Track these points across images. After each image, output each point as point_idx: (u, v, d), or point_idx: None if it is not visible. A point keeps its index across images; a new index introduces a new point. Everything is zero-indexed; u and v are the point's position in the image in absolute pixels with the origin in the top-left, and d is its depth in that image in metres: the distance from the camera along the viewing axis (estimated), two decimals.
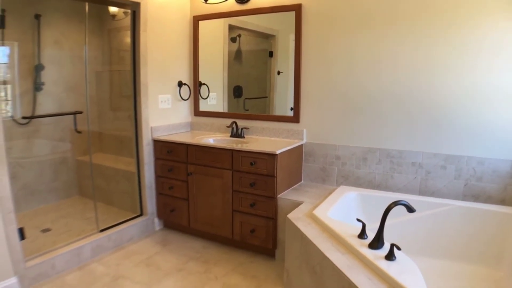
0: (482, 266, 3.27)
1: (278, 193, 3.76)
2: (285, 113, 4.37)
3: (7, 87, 4.60)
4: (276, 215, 3.77)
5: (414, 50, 3.63)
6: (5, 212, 3.11)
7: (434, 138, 3.68)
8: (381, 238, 2.60)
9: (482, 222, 3.34)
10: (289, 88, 4.31)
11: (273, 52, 4.45)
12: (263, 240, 3.86)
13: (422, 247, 3.42)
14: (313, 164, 4.24)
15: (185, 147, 4.16)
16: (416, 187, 3.82)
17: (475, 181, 3.57)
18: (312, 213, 3.22)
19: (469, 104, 3.50)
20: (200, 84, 4.87)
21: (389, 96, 3.79)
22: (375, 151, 3.93)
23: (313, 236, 2.86)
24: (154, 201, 4.59)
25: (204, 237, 4.43)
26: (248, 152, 3.76)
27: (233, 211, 3.97)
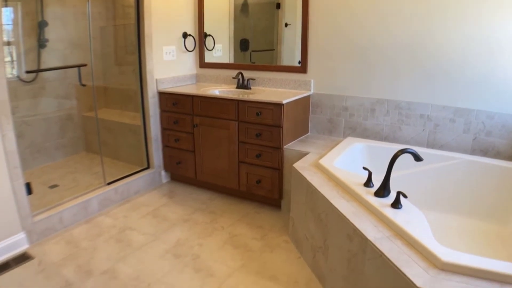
0: (489, 222, 3.22)
1: (284, 144, 3.72)
2: (294, 63, 4.27)
3: (12, 47, 4.54)
4: (282, 166, 3.74)
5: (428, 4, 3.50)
6: (12, 167, 3.10)
7: (444, 90, 3.58)
8: (387, 186, 2.57)
9: (490, 177, 3.27)
10: (296, 41, 4.20)
11: (280, 4, 4.32)
12: (269, 191, 3.85)
13: (428, 200, 3.39)
14: (320, 116, 4.18)
15: (191, 98, 4.10)
16: (424, 139, 3.76)
17: (484, 135, 3.50)
18: (318, 163, 3.18)
19: (481, 56, 3.37)
20: (205, 35, 4.77)
21: (399, 46, 3.68)
22: (383, 102, 3.85)
23: (318, 185, 2.82)
24: (160, 154, 4.57)
25: (210, 189, 4.44)
26: (254, 102, 3.70)
27: (239, 162, 3.95)
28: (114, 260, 3.14)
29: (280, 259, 3.14)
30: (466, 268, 1.78)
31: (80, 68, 4.52)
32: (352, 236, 2.30)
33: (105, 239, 3.44)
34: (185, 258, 3.15)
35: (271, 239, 3.43)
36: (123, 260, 3.13)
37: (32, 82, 4.80)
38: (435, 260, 1.87)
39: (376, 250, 2.05)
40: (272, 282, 2.85)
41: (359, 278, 2.26)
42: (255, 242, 3.39)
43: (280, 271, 2.98)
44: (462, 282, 1.74)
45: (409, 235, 2.08)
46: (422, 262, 1.90)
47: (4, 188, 3.09)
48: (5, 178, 3.09)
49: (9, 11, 4.46)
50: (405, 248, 2.03)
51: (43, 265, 3.07)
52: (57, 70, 4.99)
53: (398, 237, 2.14)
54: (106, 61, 5.41)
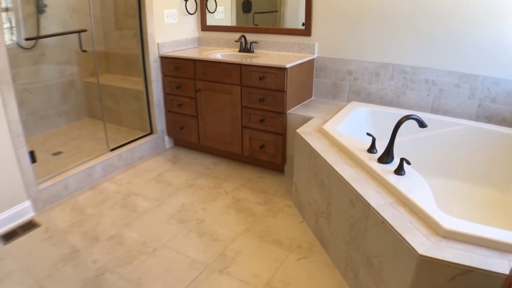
0: (491, 189, 3.25)
1: (288, 109, 3.70)
2: (297, 26, 4.20)
3: (11, 13, 4.46)
4: (285, 131, 3.73)
5: None
6: (15, 136, 3.09)
7: (449, 55, 3.52)
8: (391, 152, 2.56)
9: (494, 144, 3.27)
10: (300, 2, 4.11)
11: None
12: (272, 156, 3.85)
13: (431, 166, 3.39)
14: (324, 80, 4.14)
15: (193, 63, 4.06)
16: (429, 105, 3.73)
17: (489, 102, 3.46)
18: (322, 128, 3.17)
19: (488, 21, 3.29)
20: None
21: (405, 9, 3.60)
22: (388, 66, 3.81)
23: (321, 150, 2.82)
24: (163, 119, 4.56)
25: (214, 154, 4.46)
26: (257, 66, 3.66)
27: (242, 127, 3.94)
28: (119, 225, 3.17)
29: (283, 223, 3.17)
30: (468, 236, 1.79)
31: (81, 33, 4.48)
32: (354, 202, 2.31)
33: (110, 205, 3.47)
34: (189, 223, 3.18)
35: (274, 204, 3.46)
36: (129, 226, 3.17)
37: (32, 49, 4.74)
38: (437, 227, 1.87)
39: (379, 217, 2.05)
40: (275, 246, 2.89)
41: (361, 244, 2.28)
42: (259, 206, 3.42)
43: (283, 235, 3.01)
44: (464, 250, 1.74)
45: (411, 202, 2.08)
46: (424, 229, 1.90)
47: (8, 157, 3.10)
48: (9, 147, 3.09)
49: None
50: (407, 215, 2.04)
51: (50, 232, 3.11)
52: (57, 36, 4.93)
53: (400, 203, 2.14)
54: (106, 25, 5.34)
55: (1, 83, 2.94)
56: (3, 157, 3.07)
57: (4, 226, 3.14)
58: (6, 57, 2.94)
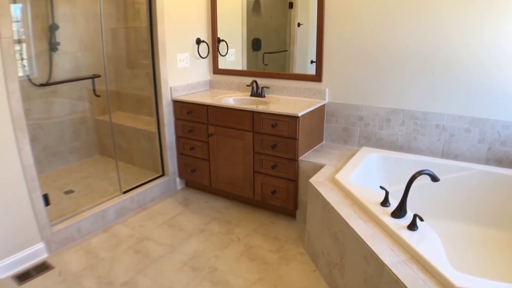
0: (505, 232, 3.26)
1: (300, 155, 3.74)
2: (306, 67, 4.28)
3: (22, 46, 4.53)
4: (297, 177, 3.76)
5: (449, 6, 3.44)
6: (29, 180, 3.16)
7: (459, 100, 3.56)
8: (404, 207, 2.58)
9: (505, 187, 3.27)
10: (309, 41, 4.19)
11: (293, 3, 4.29)
12: (284, 201, 3.88)
13: (442, 210, 3.40)
14: (335, 125, 4.18)
15: (205, 108, 4.12)
16: (439, 149, 3.75)
17: (499, 145, 3.49)
18: (335, 178, 3.19)
19: (498, 65, 3.35)
20: (218, 40, 4.77)
21: (415, 55, 3.66)
22: (399, 112, 3.84)
23: (335, 203, 2.85)
24: (175, 161, 4.60)
25: (225, 197, 4.48)
26: (270, 114, 3.71)
27: (254, 172, 3.98)
28: (133, 271, 3.19)
29: (296, 272, 3.18)
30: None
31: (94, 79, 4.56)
32: (369, 259, 2.33)
33: (123, 250, 3.49)
34: (202, 271, 3.19)
35: (287, 251, 3.46)
36: (142, 272, 3.18)
37: (45, 86, 4.79)
38: (450, 286, 1.89)
39: (392, 275, 2.07)
40: None
41: None
42: (271, 254, 3.42)
43: (296, 285, 3.02)
44: None
45: (424, 259, 2.10)
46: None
47: (23, 201, 3.16)
48: (24, 191, 3.16)
49: (18, 8, 4.43)
50: (421, 273, 2.06)
51: (64, 275, 3.14)
52: (67, 73, 4.99)
53: (413, 261, 2.17)
54: (118, 63, 5.41)
55: (16, 129, 3.01)
56: (19, 201, 3.14)
57: (18, 266, 3.20)
58: (21, 104, 3.02)
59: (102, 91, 4.94)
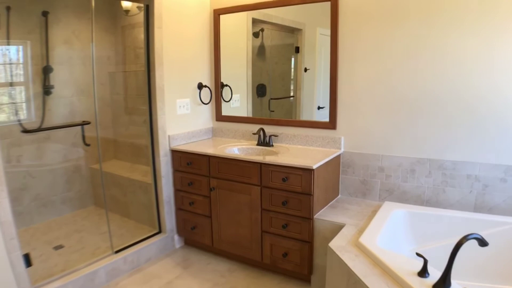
0: None
1: (315, 213, 3.30)
2: (312, 114, 3.96)
3: (15, 89, 4.27)
4: (313, 238, 3.30)
5: (477, 42, 3.15)
6: (8, 238, 2.81)
7: (492, 147, 3.23)
8: (448, 278, 2.15)
9: None
10: (316, 86, 3.90)
11: (299, 47, 4.00)
12: (297, 265, 3.40)
13: (480, 271, 2.99)
14: (352, 177, 3.77)
15: (207, 158, 3.71)
16: (472, 202, 3.37)
17: None
18: (359, 242, 2.73)
19: None
20: (222, 85, 4.41)
21: (439, 100, 3.33)
22: (425, 162, 3.47)
23: (363, 274, 2.37)
24: (173, 217, 4.15)
25: (229, 258, 3.97)
26: (280, 166, 3.30)
27: (263, 231, 3.51)
28: None
29: None
30: None
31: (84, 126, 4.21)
32: None
33: None
34: None
35: None
36: None
37: (36, 132, 4.47)
38: None
39: None
40: None
41: None
42: None
43: None
44: None
45: None
46: None
47: (0, 261, 2.80)
48: (2, 251, 2.80)
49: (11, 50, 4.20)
50: None
51: None
52: (61, 118, 4.69)
53: None
54: (116, 109, 5.12)
55: None
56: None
57: None
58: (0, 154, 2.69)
59: (94, 139, 4.57)
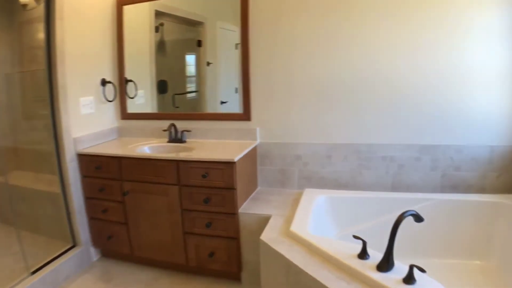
0: (472, 260, 3.18)
1: (239, 207, 3.21)
2: (216, 108, 3.90)
3: None
4: (239, 234, 3.21)
5: (382, 31, 3.30)
6: None
7: (406, 129, 3.39)
8: (391, 258, 2.18)
9: (465, 214, 3.21)
10: (219, 80, 3.88)
11: (201, 41, 3.90)
12: (225, 264, 3.29)
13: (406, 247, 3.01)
14: (270, 167, 3.73)
15: (117, 160, 3.46)
16: (389, 182, 3.51)
17: (453, 170, 3.39)
18: (290, 231, 2.68)
19: (443, 89, 3.28)
20: (126, 81, 4.14)
21: (351, 86, 3.43)
22: (340, 147, 3.53)
23: (303, 264, 2.32)
24: (86, 227, 3.82)
25: (153, 265, 3.71)
26: (199, 162, 3.15)
27: (185, 233, 3.35)
28: None
29: None
30: None
31: None
32: None
33: None
34: None
35: None
36: None
37: None
38: None
39: None
40: None
41: None
42: None
43: None
44: None
45: None
46: None
47: None
48: None
49: None
50: None
51: None
52: None
53: None
54: (14, 114, 4.63)
55: None
56: None
57: None
58: None
59: None
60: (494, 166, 3.36)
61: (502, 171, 3.38)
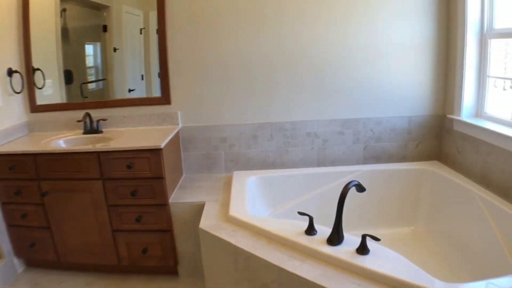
0: (403, 227, 3.42)
1: (169, 197, 3.07)
2: (125, 95, 3.69)
3: None
4: (172, 226, 3.07)
5: (303, 10, 3.35)
6: None
7: (328, 104, 3.51)
8: (341, 230, 2.18)
9: (392, 183, 3.42)
10: (126, 67, 3.69)
11: (107, 26, 3.66)
12: (160, 259, 3.14)
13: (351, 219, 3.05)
14: (195, 152, 3.61)
15: (32, 158, 3.12)
16: (314, 158, 3.60)
17: (374, 142, 3.60)
18: (230, 216, 2.60)
19: (361, 65, 3.43)
20: (33, 69, 3.70)
21: (274, 63, 3.42)
22: (265, 126, 3.52)
23: (252, 247, 2.24)
24: (6, 237, 3.40)
25: (84, 270, 3.41)
26: (122, 151, 2.95)
27: (114, 231, 3.13)
28: None
29: None
30: None
31: None
32: None
33: None
34: None
35: None
36: None
37: None
38: None
39: None
40: None
41: None
42: None
43: None
44: None
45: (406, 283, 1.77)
46: None
47: None
48: None
49: None
50: None
51: None
52: None
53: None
54: None
55: None
56: None
57: None
58: None
59: None
60: (412, 136, 3.57)
61: (420, 140, 3.58)
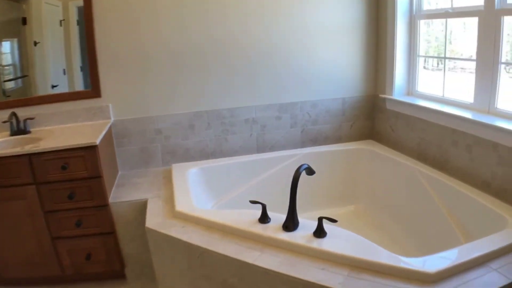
0: (347, 205, 3.53)
1: (109, 197, 2.89)
2: (48, 90, 3.40)
3: None
4: (115, 227, 2.89)
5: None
6: None
7: (264, 89, 3.52)
8: (295, 215, 2.14)
9: (331, 164, 3.51)
10: (48, 62, 3.43)
11: (26, 18, 3.36)
12: (105, 263, 2.96)
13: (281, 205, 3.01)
14: (129, 147, 3.41)
15: None
16: (254, 145, 3.59)
17: (311, 125, 3.66)
18: (177, 212, 2.47)
19: (293, 49, 3.46)
20: None
21: (209, 50, 3.34)
22: (202, 114, 3.43)
23: (206, 242, 2.13)
24: None
25: (26, 285, 3.10)
26: (55, 152, 2.71)
27: (53, 239, 2.88)
28: None
29: None
30: None
31: None
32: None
33: None
34: None
35: None
36: None
37: None
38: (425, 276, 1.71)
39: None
40: None
41: None
42: None
43: None
44: None
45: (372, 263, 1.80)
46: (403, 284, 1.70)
47: None
48: None
49: None
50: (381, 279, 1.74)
51: None
52: None
53: (360, 270, 1.81)
54: None
55: None
56: None
57: None
58: None
59: None
60: (347, 117, 3.67)
61: (354, 120, 3.68)
